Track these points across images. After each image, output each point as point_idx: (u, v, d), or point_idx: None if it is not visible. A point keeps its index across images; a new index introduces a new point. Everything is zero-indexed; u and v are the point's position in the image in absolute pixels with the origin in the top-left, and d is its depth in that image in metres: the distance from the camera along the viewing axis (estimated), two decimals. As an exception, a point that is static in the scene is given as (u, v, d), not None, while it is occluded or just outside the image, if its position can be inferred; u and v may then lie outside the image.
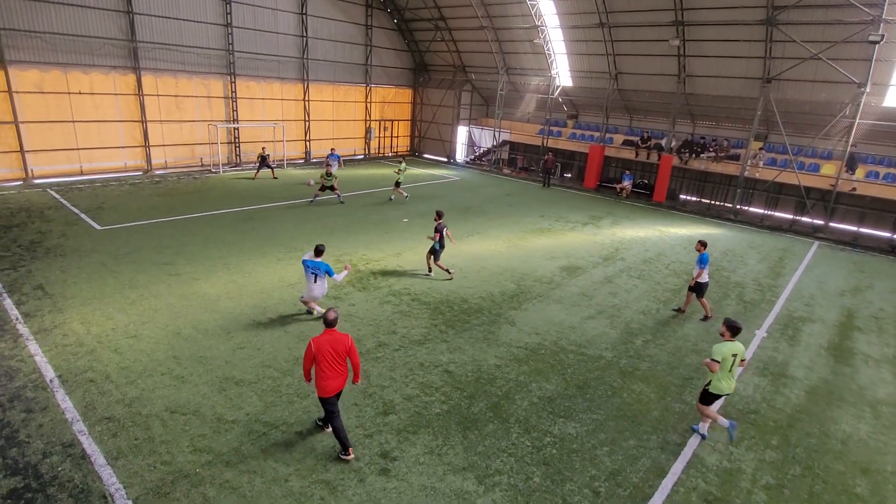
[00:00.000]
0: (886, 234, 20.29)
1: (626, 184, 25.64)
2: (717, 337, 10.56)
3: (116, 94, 21.28)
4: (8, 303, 9.97)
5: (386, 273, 12.93)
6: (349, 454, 6.47)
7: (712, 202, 25.13)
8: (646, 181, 26.38)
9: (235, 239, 14.74)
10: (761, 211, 23.45)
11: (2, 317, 9.41)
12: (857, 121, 19.15)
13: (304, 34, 27.26)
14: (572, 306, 11.75)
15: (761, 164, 22.41)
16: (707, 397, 7.28)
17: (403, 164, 20.97)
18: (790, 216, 22.66)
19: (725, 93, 22.81)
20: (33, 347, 8.49)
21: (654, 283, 13.60)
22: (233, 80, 24.81)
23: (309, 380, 6.63)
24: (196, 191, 20.31)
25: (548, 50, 26.98)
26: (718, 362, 6.99)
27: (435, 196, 22.56)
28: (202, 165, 24.74)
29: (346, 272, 9.77)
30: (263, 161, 23.16)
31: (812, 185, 20.99)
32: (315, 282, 9.74)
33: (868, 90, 18.63)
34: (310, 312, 10.38)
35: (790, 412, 8.30)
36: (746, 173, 22.19)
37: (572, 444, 7.11)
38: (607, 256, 15.61)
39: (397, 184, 21.19)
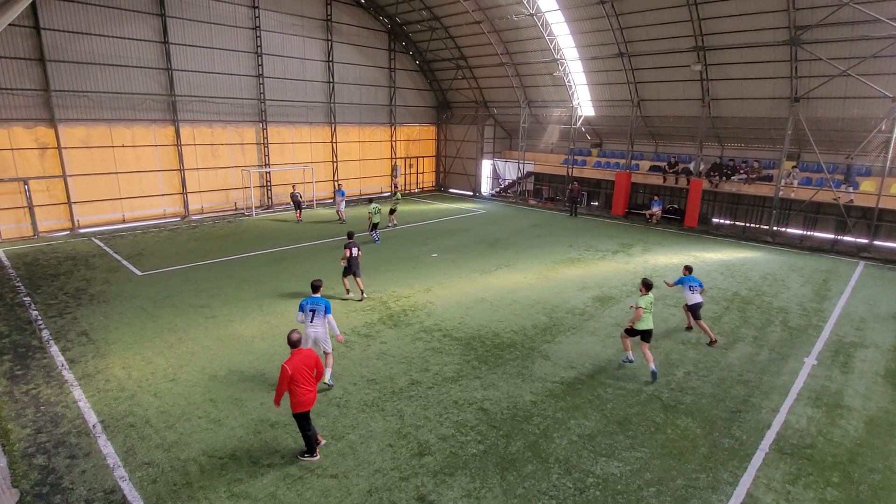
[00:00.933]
0: (938, 251, 19.30)
1: (656, 210, 25.26)
2: (764, 363, 10.16)
3: (156, 146, 22.44)
4: (54, 349, 10.33)
5: (416, 309, 12.92)
6: (316, 455, 7.16)
7: (747, 225, 24.46)
8: (676, 206, 25.96)
9: (269, 280, 15.04)
10: (800, 232, 22.67)
11: (49, 363, 9.74)
12: (895, 135, 18.54)
13: (331, 80, 28.36)
14: (607, 338, 11.45)
15: (796, 183, 21.81)
16: (632, 332, 9.77)
17: (375, 205, 19.91)
18: (831, 236, 21.83)
19: (752, 114, 22.50)
20: (77, 393, 8.73)
21: (692, 311, 13.16)
22: (264, 126, 25.87)
23: (279, 404, 7.06)
24: (230, 234, 20.95)
25: (568, 81, 27.29)
26: (643, 308, 9.52)
27: (462, 230, 22.67)
28: (236, 209, 25.60)
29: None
30: (297, 202, 23.81)
31: (852, 203, 20.24)
32: (311, 321, 8.82)
33: (904, 104, 18.11)
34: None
35: (850, 446, 7.78)
36: (781, 194, 21.60)
37: (616, 485, 6.80)
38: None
39: (391, 211, 22.93)
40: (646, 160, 27.54)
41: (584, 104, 28.36)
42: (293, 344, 7.00)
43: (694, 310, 11.38)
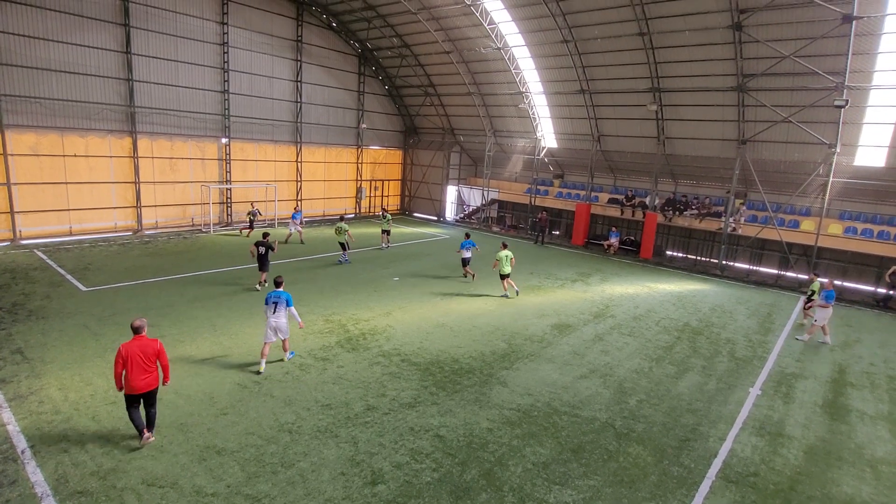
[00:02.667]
0: (870, 288, 20.61)
1: (614, 241, 26.06)
2: (712, 393, 10.50)
3: (111, 157, 21.68)
4: (-17, 368, 9.64)
5: (376, 333, 12.78)
6: (145, 436, 7.59)
7: (698, 258, 25.54)
8: (632, 238, 26.86)
9: (223, 299, 14.59)
10: (747, 266, 23.83)
11: (-24, 383, 9.07)
12: (832, 179, 19.92)
13: (299, 100, 28.29)
14: (564, 365, 11.61)
15: (742, 220, 23.00)
16: (501, 277, 16.13)
17: (341, 224, 19.73)
18: (775, 271, 23.03)
19: (703, 153, 23.76)
20: (6, 415, 8.15)
21: (646, 341, 13.55)
22: (227, 142, 25.42)
23: (120, 388, 7.43)
24: (185, 250, 20.28)
25: (533, 114, 28.15)
26: (498, 260, 15.99)
27: (424, 254, 22.71)
28: (193, 225, 24.86)
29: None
30: (251, 220, 23.33)
31: (794, 241, 21.49)
32: (274, 312, 10.09)
33: (839, 150, 19.51)
34: (258, 372, 10.21)
35: (790, 474, 8.08)
36: (729, 230, 22.73)
37: (569, 513, 6.82)
38: (598, 314, 15.62)
39: (386, 232, 23.40)
40: (605, 192, 28.51)
41: (548, 136, 29.26)
42: (135, 330, 7.56)
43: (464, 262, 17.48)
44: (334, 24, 29.24)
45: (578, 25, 22.74)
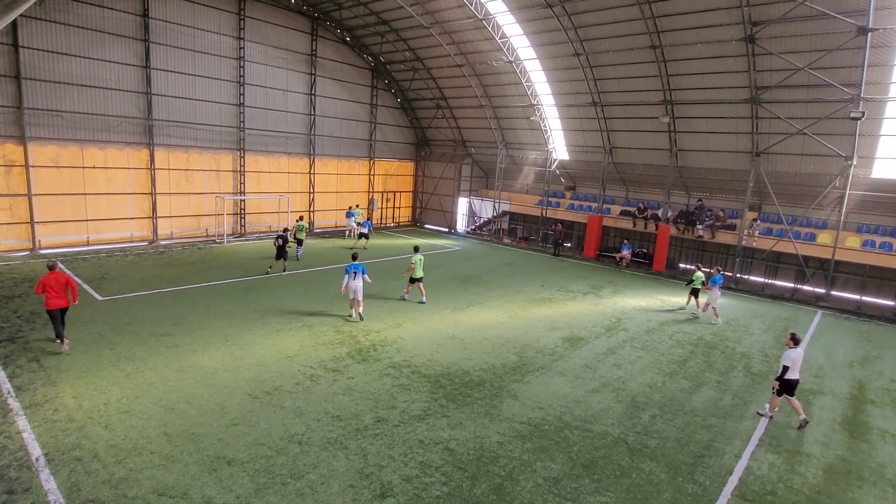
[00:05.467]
0: (890, 303, 20.18)
1: (626, 253, 25.88)
2: (727, 408, 10.31)
3: (129, 168, 22.09)
4: (1, 376, 9.79)
5: (386, 344, 12.78)
6: (63, 344, 10.98)
7: (712, 271, 25.17)
8: (644, 250, 26.65)
9: (236, 309, 14.71)
10: (762, 279, 23.49)
11: (-7, 391, 9.22)
12: (848, 192, 19.64)
13: (312, 112, 28.68)
14: (576, 379, 11.49)
15: (757, 233, 22.74)
16: (412, 280, 16.32)
17: (300, 223, 22.40)
18: (791, 284, 22.67)
19: (717, 166, 23.59)
20: (22, 423, 8.25)
21: (659, 355, 13.37)
22: (242, 154, 25.81)
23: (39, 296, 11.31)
24: (199, 261, 20.52)
25: (544, 126, 28.22)
26: (413, 263, 16.13)
27: (436, 266, 22.72)
28: (207, 236, 25.17)
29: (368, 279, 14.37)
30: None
31: (810, 254, 21.17)
32: (354, 279, 13.98)
33: (855, 163, 19.27)
34: (350, 316, 14.46)
35: (809, 493, 7.88)
36: (744, 243, 22.46)
37: (580, 530, 6.71)
38: (610, 326, 15.47)
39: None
40: (617, 204, 28.38)
41: (559, 148, 29.28)
42: (49, 267, 11.12)
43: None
44: (348, 39, 29.68)
45: (590, 39, 22.83)
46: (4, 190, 18.98)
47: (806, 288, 21.77)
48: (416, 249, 16.86)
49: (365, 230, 25.59)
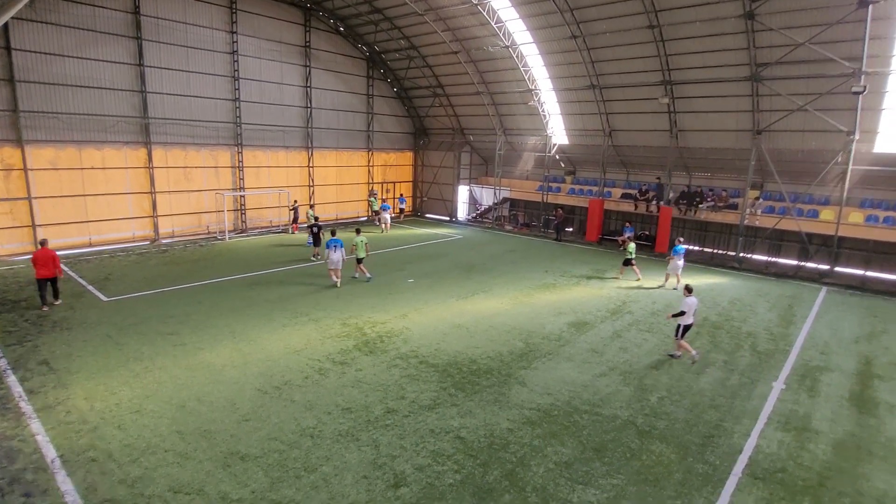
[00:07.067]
0: (895, 277, 20.14)
1: (628, 236, 25.79)
2: (734, 388, 10.35)
3: (127, 168, 22.02)
4: (12, 380, 9.86)
5: (392, 335, 12.81)
6: (45, 307, 13.60)
7: (715, 251, 25.20)
8: (647, 232, 26.58)
9: (241, 305, 14.74)
10: (765, 258, 23.45)
11: (5, 395, 9.27)
12: (851, 167, 19.52)
13: (309, 105, 28.49)
14: (583, 363, 11.53)
15: (759, 212, 22.65)
16: (358, 261, 17.63)
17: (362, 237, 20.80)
18: (795, 262, 22.64)
19: (718, 145, 23.43)
20: (35, 426, 8.32)
21: (665, 336, 13.39)
22: (240, 150, 25.70)
23: (37, 276, 13.64)
24: (202, 258, 20.53)
25: (542, 111, 28.01)
26: (355, 244, 17.43)
27: (438, 255, 22.72)
28: (208, 233, 25.16)
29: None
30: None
31: (813, 231, 21.10)
32: (335, 252, 16.43)
33: (857, 137, 19.11)
34: (335, 284, 16.70)
35: (819, 469, 7.94)
36: (746, 222, 22.38)
37: (593, 513, 6.77)
38: (615, 310, 15.49)
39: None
40: (618, 188, 28.25)
41: (558, 133, 29.09)
42: (41, 244, 13.80)
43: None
44: (341, 28, 29.38)
45: (587, 20, 22.56)
46: (4, 194, 18.94)
47: (810, 265, 21.73)
48: (358, 231, 18.01)
49: (387, 215, 28.29)
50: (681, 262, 18.10)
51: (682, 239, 19.22)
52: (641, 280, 19.01)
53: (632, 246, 19.34)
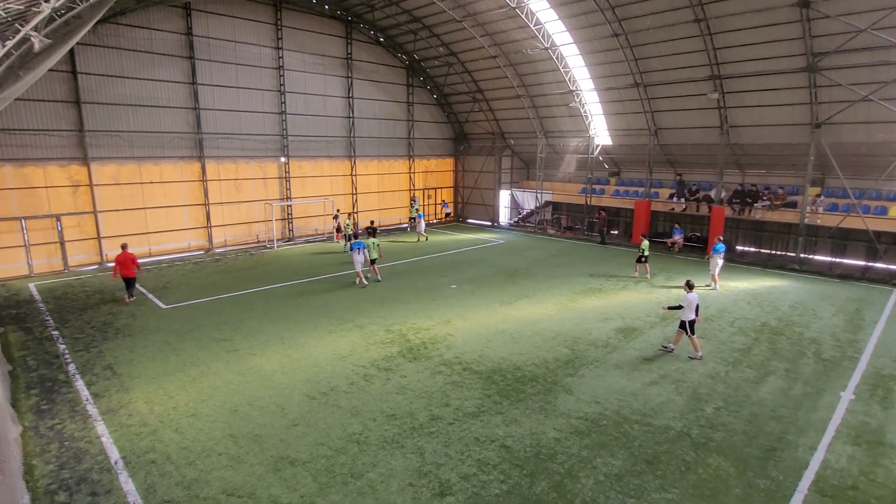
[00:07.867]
0: (977, 278, 18.55)
1: (677, 238, 24.93)
2: (798, 398, 9.76)
3: (183, 181, 23.15)
4: (80, 384, 10.47)
5: (436, 342, 12.82)
6: (132, 298, 15.82)
7: (773, 252, 23.94)
8: (697, 234, 25.58)
9: (289, 313, 15.14)
10: (828, 259, 22.08)
11: (74, 398, 9.86)
12: (923, 160, 18.14)
13: (351, 115, 29.10)
14: (632, 371, 11.16)
15: (821, 210, 21.36)
16: (372, 262, 18.41)
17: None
18: (862, 263, 21.21)
19: (773, 141, 22.29)
20: (101, 428, 8.79)
21: (720, 343, 12.81)
22: (286, 161, 26.52)
23: (115, 277, 15.85)
24: (253, 267, 21.26)
25: (584, 112, 27.51)
26: (367, 248, 18.08)
27: (481, 260, 22.63)
28: (258, 242, 26.06)
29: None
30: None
31: (881, 229, 19.71)
32: (359, 254, 17.74)
33: (930, 128, 17.75)
34: (361, 285, 17.84)
35: (894, 486, 7.34)
36: (807, 220, 21.15)
37: (646, 528, 6.51)
38: (665, 315, 14.94)
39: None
40: (665, 188, 27.35)
41: (601, 133, 28.47)
42: (122, 247, 15.88)
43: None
44: (381, 39, 29.88)
45: (628, 17, 22.00)
46: (72, 209, 20.27)
47: (879, 266, 20.30)
48: (372, 234, 19.19)
49: (422, 225, 28.37)
50: (720, 261, 17.85)
51: (721, 238, 18.93)
52: (650, 278, 19.33)
53: (645, 243, 19.33)
